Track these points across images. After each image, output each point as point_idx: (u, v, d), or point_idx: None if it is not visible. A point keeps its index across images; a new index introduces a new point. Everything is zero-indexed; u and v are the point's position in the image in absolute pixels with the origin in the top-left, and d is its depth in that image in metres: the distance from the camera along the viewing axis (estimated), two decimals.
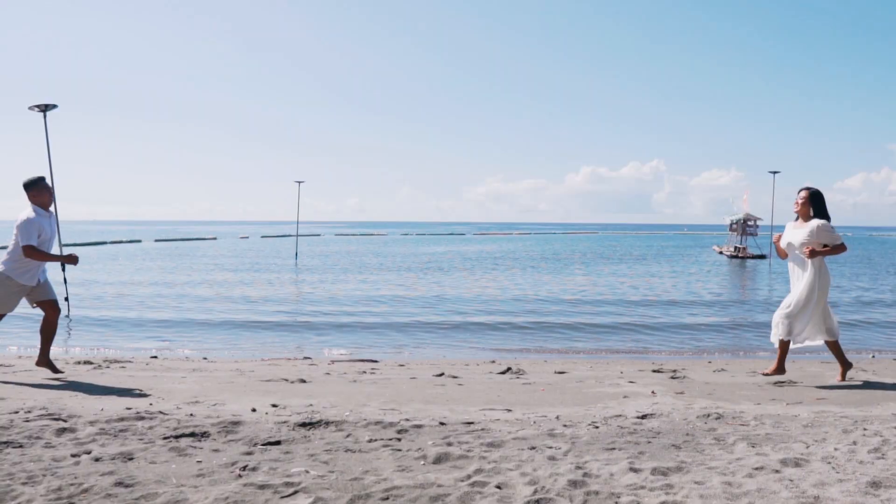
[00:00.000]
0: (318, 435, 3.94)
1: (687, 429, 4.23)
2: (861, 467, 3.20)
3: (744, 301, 18.37)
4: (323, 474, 3.07)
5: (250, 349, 10.65)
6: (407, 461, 3.33)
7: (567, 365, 8.18)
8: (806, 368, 7.95)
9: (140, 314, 14.03)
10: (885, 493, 2.76)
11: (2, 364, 7.84)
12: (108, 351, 10.18)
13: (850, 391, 6.30)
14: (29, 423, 4.18)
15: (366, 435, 3.95)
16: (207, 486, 2.86)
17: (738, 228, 39.18)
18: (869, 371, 7.71)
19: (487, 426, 4.25)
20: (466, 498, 2.71)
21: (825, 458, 3.41)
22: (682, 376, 7.12)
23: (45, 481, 2.92)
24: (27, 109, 15.07)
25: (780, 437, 3.99)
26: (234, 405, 5.09)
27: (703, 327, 13.01)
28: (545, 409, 5.02)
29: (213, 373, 7.39)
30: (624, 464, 3.24)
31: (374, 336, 11.95)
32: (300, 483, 2.91)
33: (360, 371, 7.55)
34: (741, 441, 3.84)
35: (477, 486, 2.88)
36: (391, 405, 5.17)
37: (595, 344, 11.04)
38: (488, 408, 5.09)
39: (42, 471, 3.10)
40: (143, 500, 2.67)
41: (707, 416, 4.68)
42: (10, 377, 6.79)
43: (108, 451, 3.51)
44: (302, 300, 17.25)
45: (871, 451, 3.60)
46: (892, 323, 13.77)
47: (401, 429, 4.12)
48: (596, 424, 4.34)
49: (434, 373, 7.33)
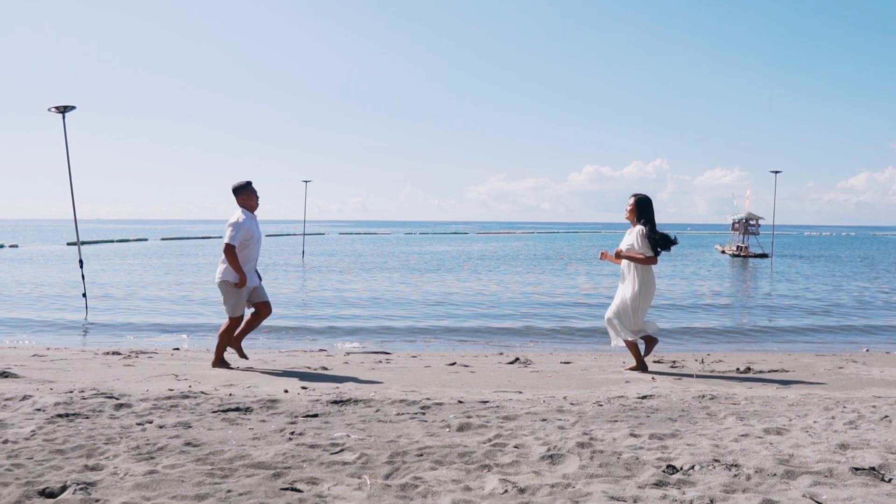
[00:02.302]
0: (350, 410, 4.39)
1: (683, 406, 4.66)
2: (834, 435, 3.63)
3: (744, 298, 18.76)
4: (362, 438, 3.51)
5: (266, 343, 11.07)
6: (433, 429, 3.77)
7: (572, 356, 8.61)
8: (800, 360, 8.39)
9: (153, 312, 14.41)
10: (852, 452, 3.19)
11: (35, 354, 8.32)
12: (130, 345, 10.62)
13: (838, 378, 6.73)
14: (87, 401, 4.62)
15: (393, 410, 4.39)
16: (265, 446, 3.30)
17: (740, 228, 39.54)
18: (860, 362, 8.15)
19: (501, 404, 4.69)
20: (489, 454, 3.15)
21: (804, 428, 3.84)
22: (681, 366, 7.55)
23: (122, 442, 3.36)
24: (46, 111, 15.47)
25: (766, 413, 4.43)
26: (266, 388, 5.53)
27: (704, 323, 13.42)
28: (553, 392, 5.47)
29: (238, 362, 7.83)
30: (625, 431, 3.68)
31: (384, 332, 12.36)
32: (344, 444, 3.36)
33: (376, 361, 7.98)
34: (731, 416, 4.27)
35: (497, 446, 3.32)
36: (411, 388, 5.61)
37: (598, 337, 11.45)
38: (500, 390, 5.53)
39: (117, 434, 3.55)
40: (212, 456, 3.10)
41: (702, 396, 5.12)
42: (48, 365, 7.26)
43: (168, 421, 3.95)
44: (311, 297, 17.67)
45: (846, 423, 4.03)
46: (887, 321, 14.15)
47: (423, 406, 4.56)
48: (600, 403, 4.78)
49: (446, 362, 7.76)
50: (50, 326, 12.21)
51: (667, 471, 2.87)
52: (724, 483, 2.70)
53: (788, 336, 11.99)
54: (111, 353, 8.56)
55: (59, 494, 2.57)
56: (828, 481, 2.73)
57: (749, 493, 2.58)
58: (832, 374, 7.04)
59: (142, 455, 3.11)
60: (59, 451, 3.17)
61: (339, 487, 2.65)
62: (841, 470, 2.86)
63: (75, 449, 3.21)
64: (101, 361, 7.69)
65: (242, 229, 6.55)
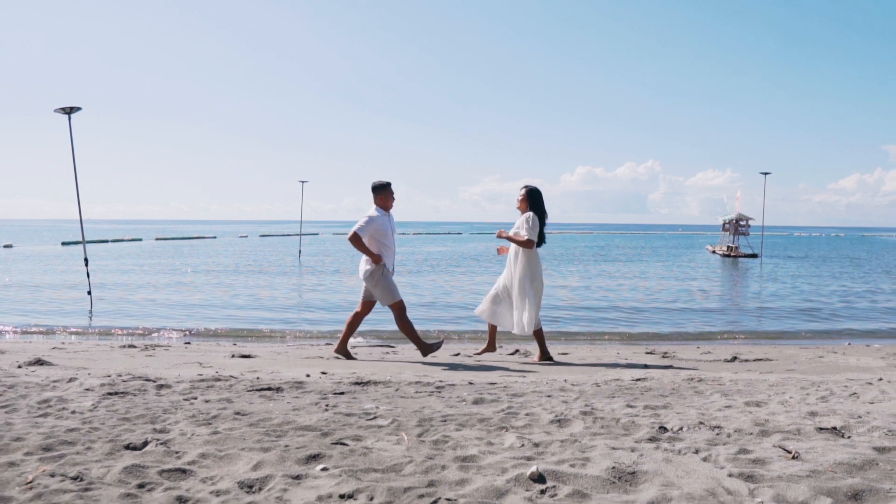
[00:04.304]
0: (372, 389, 4.83)
1: (673, 387, 5.13)
2: (806, 406, 4.11)
3: (733, 296, 19.31)
4: (390, 408, 3.95)
5: (272, 340, 11.46)
6: (451, 402, 4.22)
7: (569, 348, 9.08)
8: (784, 351, 8.89)
9: (153, 311, 14.73)
10: (819, 418, 3.65)
11: (55, 347, 8.70)
12: (142, 340, 10.99)
13: (817, 365, 7.23)
14: (128, 383, 5.03)
15: (411, 389, 4.83)
16: (306, 415, 3.73)
17: (730, 228, 40.16)
18: (840, 353, 8.65)
19: (509, 385, 5.15)
20: (505, 420, 3.60)
21: (781, 402, 4.31)
22: (672, 356, 8.04)
23: (178, 412, 3.79)
24: (53, 112, 15.77)
25: (749, 391, 4.90)
26: (288, 373, 5.96)
27: (693, 319, 13.93)
28: (554, 376, 5.93)
29: (252, 353, 8.25)
30: (622, 403, 4.15)
31: (384, 329, 12.77)
32: (376, 413, 3.80)
33: (383, 353, 8.42)
34: (717, 393, 4.75)
35: (511, 414, 3.77)
36: (422, 373, 6.06)
37: (594, 333, 11.93)
38: (505, 375, 5.99)
39: (171, 406, 3.98)
40: (262, 422, 3.53)
41: (691, 379, 5.60)
42: (72, 356, 7.65)
43: (210, 397, 4.38)
44: (310, 297, 18.05)
45: (818, 398, 4.51)
46: (870, 323, 14.70)
47: (438, 386, 5.01)
48: (598, 384, 5.25)
49: (451, 353, 8.21)
50: (58, 323, 12.54)
51: (659, 431, 3.33)
52: (708, 438, 3.16)
53: (773, 332, 12.50)
54: (128, 346, 8.94)
55: (142, 448, 3.00)
56: (795, 437, 3.19)
57: (728, 445, 3.04)
58: (812, 362, 7.54)
59: (199, 421, 3.55)
60: (126, 419, 3.60)
61: (381, 443, 3.09)
62: (807, 429, 3.33)
63: (139, 417, 3.64)
64: (122, 353, 8.09)
65: (374, 223, 6.94)
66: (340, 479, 2.51)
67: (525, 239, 6.76)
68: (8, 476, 2.54)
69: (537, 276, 6.91)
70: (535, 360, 7.25)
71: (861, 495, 2.35)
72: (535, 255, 6.89)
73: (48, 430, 3.29)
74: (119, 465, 2.67)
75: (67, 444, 3.03)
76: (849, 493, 2.36)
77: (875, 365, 7.22)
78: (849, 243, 74.45)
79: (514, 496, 2.38)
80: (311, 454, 2.86)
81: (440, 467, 2.69)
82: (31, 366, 6.18)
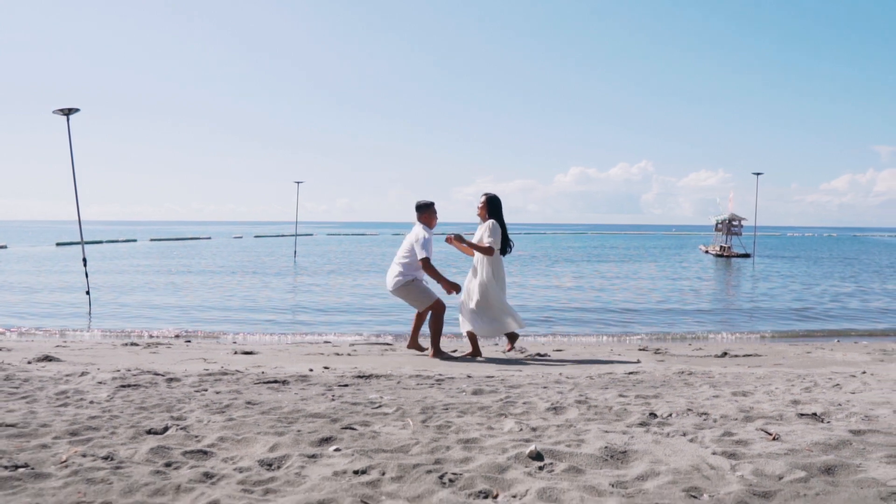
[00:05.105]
0: (375, 382, 5.02)
1: (664, 379, 5.34)
2: (791, 396, 4.32)
3: (725, 295, 19.57)
4: (394, 398, 4.15)
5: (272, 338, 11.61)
6: (452, 393, 4.42)
7: (563, 345, 9.29)
8: (773, 347, 9.12)
9: (153, 311, 14.83)
10: (801, 406, 3.86)
11: (58, 345, 8.85)
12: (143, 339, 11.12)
13: (804, 360, 7.46)
14: (138, 377, 5.20)
15: (412, 382, 5.02)
16: (314, 404, 3.92)
17: (723, 228, 40.49)
18: (827, 349, 8.89)
19: (506, 378, 5.34)
20: (504, 408, 3.80)
21: (766, 392, 4.52)
22: (664, 352, 8.26)
23: (192, 402, 3.97)
24: (51, 113, 15.82)
25: (736, 383, 5.11)
26: (292, 368, 6.14)
27: (686, 318, 14.16)
28: (550, 370, 6.13)
29: (254, 350, 8.42)
30: (615, 393, 4.36)
31: (382, 327, 12.94)
32: (381, 402, 3.99)
33: (381, 349, 8.60)
34: (706, 385, 4.96)
35: (509, 403, 3.97)
36: (422, 368, 6.25)
37: (587, 328, 12.14)
38: (503, 368, 6.20)
39: (184, 397, 4.16)
40: (273, 411, 3.72)
41: (682, 372, 5.81)
42: (77, 353, 7.81)
43: (220, 389, 4.56)
44: (309, 297, 18.20)
45: (802, 389, 4.72)
46: (858, 323, 14.96)
47: (438, 379, 5.20)
48: (591, 377, 5.45)
49: (448, 349, 8.40)
50: (58, 323, 12.65)
51: (649, 417, 3.53)
52: (695, 423, 3.37)
53: (764, 331, 12.74)
54: (130, 344, 9.10)
55: (163, 433, 3.18)
56: (777, 422, 3.40)
57: (714, 429, 3.25)
58: (800, 357, 7.77)
59: (213, 410, 3.73)
60: (143, 408, 3.77)
61: (388, 427, 3.28)
62: (789, 415, 3.54)
63: (155, 406, 3.82)
64: (126, 350, 8.25)
65: (431, 244, 7.11)
66: (353, 458, 2.70)
67: (487, 246, 6.92)
68: (43, 456, 2.72)
69: (501, 280, 7.05)
70: (468, 354, 7.24)
71: (833, 469, 2.55)
72: (498, 260, 7.06)
73: (71, 417, 3.47)
74: (144, 448, 2.85)
75: (92, 430, 3.20)
76: (822, 468, 2.56)
77: (860, 360, 7.45)
78: (841, 243, 75.02)
79: (514, 471, 2.57)
80: (324, 437, 3.05)
81: (445, 448, 2.88)
82: (41, 362, 6.34)
